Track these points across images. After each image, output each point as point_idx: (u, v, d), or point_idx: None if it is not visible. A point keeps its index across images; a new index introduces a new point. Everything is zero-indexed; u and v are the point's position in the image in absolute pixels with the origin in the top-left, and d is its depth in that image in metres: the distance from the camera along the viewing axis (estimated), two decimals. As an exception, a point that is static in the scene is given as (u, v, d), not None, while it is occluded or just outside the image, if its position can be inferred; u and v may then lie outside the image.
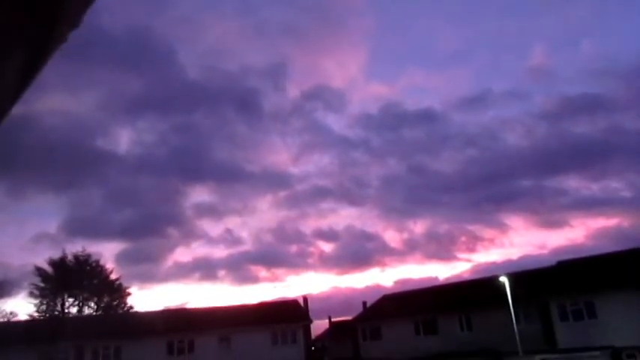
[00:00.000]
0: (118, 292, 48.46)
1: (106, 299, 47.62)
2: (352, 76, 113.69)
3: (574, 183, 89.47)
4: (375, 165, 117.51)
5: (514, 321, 24.58)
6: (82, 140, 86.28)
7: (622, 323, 23.86)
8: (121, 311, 47.00)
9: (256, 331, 36.22)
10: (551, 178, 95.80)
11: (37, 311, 45.42)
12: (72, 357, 31.93)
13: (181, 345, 34.53)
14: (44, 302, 46.16)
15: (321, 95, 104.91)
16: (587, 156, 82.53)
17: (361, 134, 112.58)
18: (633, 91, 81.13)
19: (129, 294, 49.97)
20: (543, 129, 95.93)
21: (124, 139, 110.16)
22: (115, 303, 47.93)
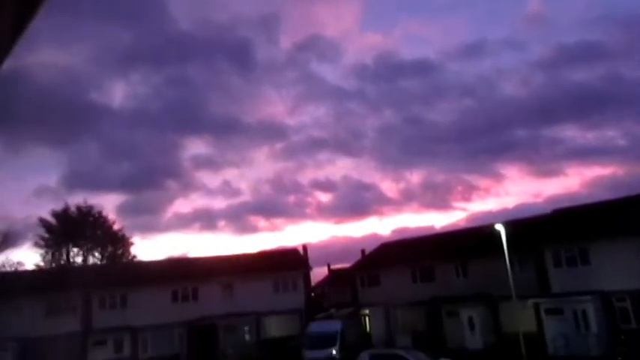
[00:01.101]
0: (121, 242, 49.36)
1: (109, 249, 48.61)
2: (346, 25, 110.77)
3: (570, 132, 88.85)
4: (370, 116, 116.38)
5: (509, 268, 24.93)
6: (76, 94, 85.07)
7: (614, 269, 24.17)
8: (125, 261, 48.11)
9: (258, 279, 36.87)
10: (547, 127, 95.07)
11: (43, 261, 46.50)
12: (79, 305, 32.67)
13: (185, 292, 35.50)
14: (49, 252, 47.14)
15: (315, 46, 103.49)
16: (583, 105, 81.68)
17: (356, 85, 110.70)
18: (631, 39, 79.27)
19: (132, 244, 51.02)
20: (540, 78, 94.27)
21: (117, 93, 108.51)
22: (119, 252, 48.99)
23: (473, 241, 32.30)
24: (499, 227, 26.16)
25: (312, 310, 38.20)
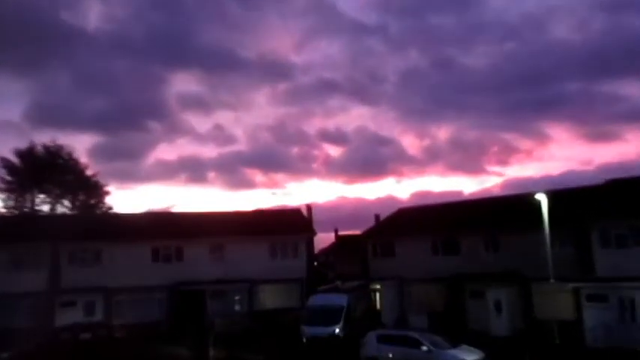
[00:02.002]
0: (95, 190, 49.65)
1: (81, 197, 48.96)
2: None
3: (632, 89, 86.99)
4: (393, 56, 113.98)
5: (548, 245, 24.80)
6: (44, 12, 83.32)
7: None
8: (99, 212, 48.55)
9: (253, 241, 37.39)
10: (604, 81, 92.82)
11: (5, 207, 47.09)
12: (46, 259, 32.90)
13: (168, 251, 35.91)
14: (12, 197, 47.61)
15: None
16: (650, 58, 79.26)
17: (378, 19, 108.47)
18: None
19: (107, 193, 51.35)
20: (599, 22, 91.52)
21: (93, 13, 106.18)
22: (92, 202, 49.35)
23: (507, 211, 32.17)
24: (540, 197, 25.88)
25: (315, 281, 38.66)
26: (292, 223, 40.16)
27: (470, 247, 32.99)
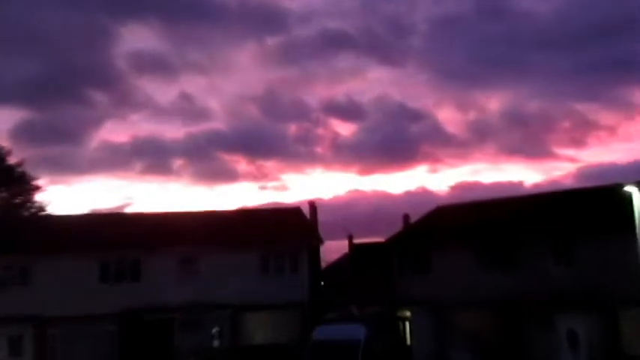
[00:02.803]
0: (21, 184, 48.91)
1: (2, 193, 48.23)
2: None
3: None
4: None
5: (641, 254, 23.53)
6: None
7: None
8: (26, 214, 47.82)
9: (237, 253, 37.13)
10: None
11: None
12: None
13: (120, 267, 35.49)
14: None
15: None
16: None
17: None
18: None
19: (37, 188, 50.57)
20: None
21: None
22: (16, 201, 48.59)
23: (584, 209, 31.88)
24: (630, 189, 25.43)
25: (321, 306, 38.33)
26: (290, 228, 39.98)
27: (532, 258, 32.24)
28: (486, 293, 32.60)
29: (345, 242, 56.92)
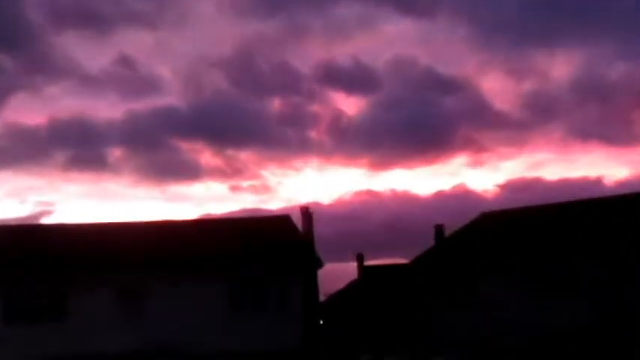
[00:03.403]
0: None
1: None
2: None
3: None
4: None
5: None
6: None
7: None
8: None
9: (198, 280, 35.62)
10: None
11: None
12: None
13: (36, 302, 33.95)
14: None
15: None
16: None
17: None
18: None
19: None
20: None
21: None
22: None
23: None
24: None
25: (320, 356, 37.01)
26: (274, 245, 38.30)
27: (622, 279, 30.95)
28: (559, 328, 31.82)
29: (353, 264, 55.77)
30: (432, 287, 38.41)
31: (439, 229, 43.55)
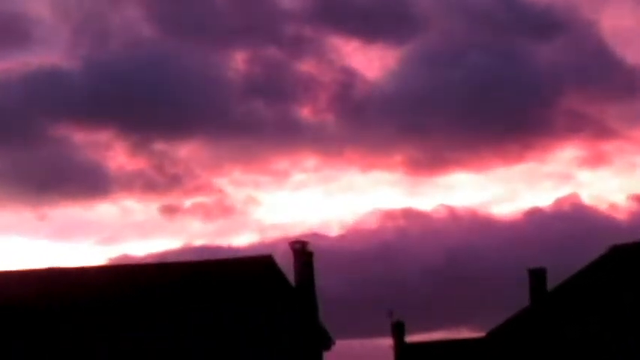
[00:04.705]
0: None
1: None
2: None
3: None
4: None
5: None
6: None
7: None
8: None
9: None
10: None
11: None
12: None
13: None
14: None
15: None
16: None
17: None
18: None
19: None
20: None
21: None
22: None
23: None
24: None
25: None
26: (244, 313, 30.85)
27: None
28: None
29: (386, 340, 45.70)
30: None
31: (538, 275, 34.88)
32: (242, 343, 30.40)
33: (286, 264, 32.42)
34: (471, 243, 67.28)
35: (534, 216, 74.50)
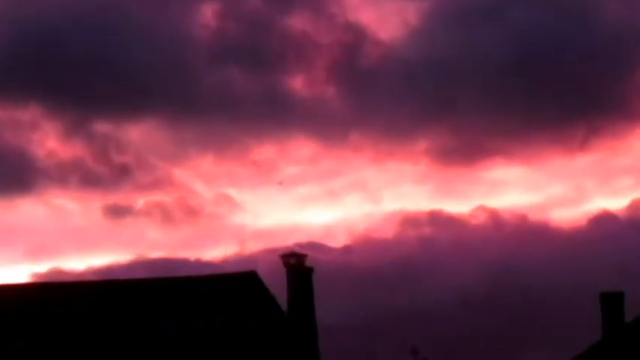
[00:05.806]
0: None
1: None
2: None
3: None
4: None
5: None
6: None
7: None
8: None
9: None
10: None
11: None
12: None
13: None
14: None
15: None
16: None
17: None
18: None
19: None
20: None
21: None
22: None
23: None
24: None
25: None
26: (224, 350, 26.12)
27: None
28: None
29: None
30: None
31: (612, 301, 30.55)
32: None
33: (276, 283, 27.63)
34: (519, 258, 55.78)
35: (604, 222, 62.56)
